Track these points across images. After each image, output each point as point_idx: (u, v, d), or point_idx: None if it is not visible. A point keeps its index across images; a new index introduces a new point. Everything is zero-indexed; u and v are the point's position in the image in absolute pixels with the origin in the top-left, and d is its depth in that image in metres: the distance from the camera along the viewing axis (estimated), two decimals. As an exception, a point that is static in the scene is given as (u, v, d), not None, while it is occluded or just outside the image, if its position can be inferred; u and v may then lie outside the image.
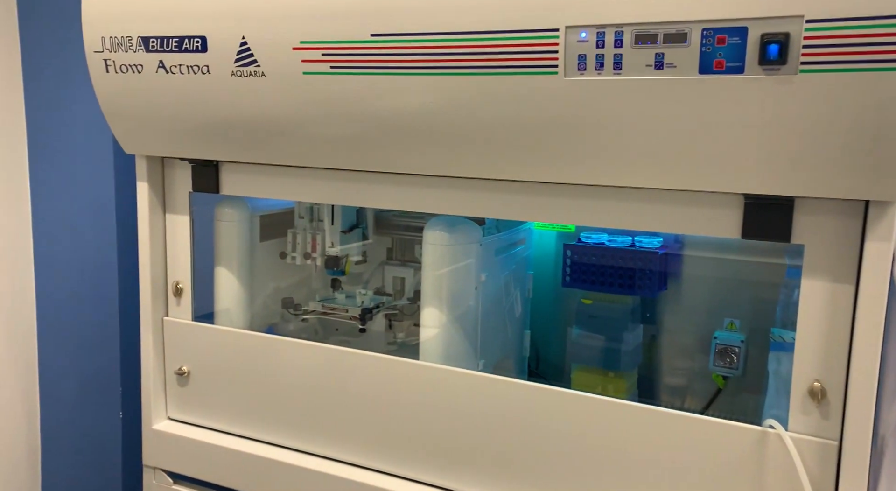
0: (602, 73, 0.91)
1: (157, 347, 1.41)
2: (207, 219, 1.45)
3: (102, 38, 1.22)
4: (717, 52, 0.84)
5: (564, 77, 0.93)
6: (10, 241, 1.63)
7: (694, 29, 0.84)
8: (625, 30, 0.88)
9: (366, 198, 1.23)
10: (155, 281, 1.40)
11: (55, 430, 1.72)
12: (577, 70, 0.92)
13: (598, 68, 0.91)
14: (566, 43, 0.92)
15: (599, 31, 0.90)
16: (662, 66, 0.87)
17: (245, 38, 1.12)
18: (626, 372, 1.38)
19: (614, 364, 1.38)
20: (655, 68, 0.87)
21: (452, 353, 1.26)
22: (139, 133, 1.30)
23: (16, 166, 1.63)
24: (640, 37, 0.87)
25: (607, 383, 1.37)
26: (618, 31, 0.89)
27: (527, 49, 0.94)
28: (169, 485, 1.41)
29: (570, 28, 0.91)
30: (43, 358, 1.71)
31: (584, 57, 0.91)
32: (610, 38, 0.89)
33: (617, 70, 0.90)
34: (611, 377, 1.37)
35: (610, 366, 1.38)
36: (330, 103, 1.11)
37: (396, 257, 1.59)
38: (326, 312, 1.50)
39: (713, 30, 0.83)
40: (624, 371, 1.38)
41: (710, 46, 0.84)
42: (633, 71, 0.89)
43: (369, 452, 1.26)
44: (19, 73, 1.62)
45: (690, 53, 0.85)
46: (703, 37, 0.84)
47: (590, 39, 0.90)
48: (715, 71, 0.84)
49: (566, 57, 0.92)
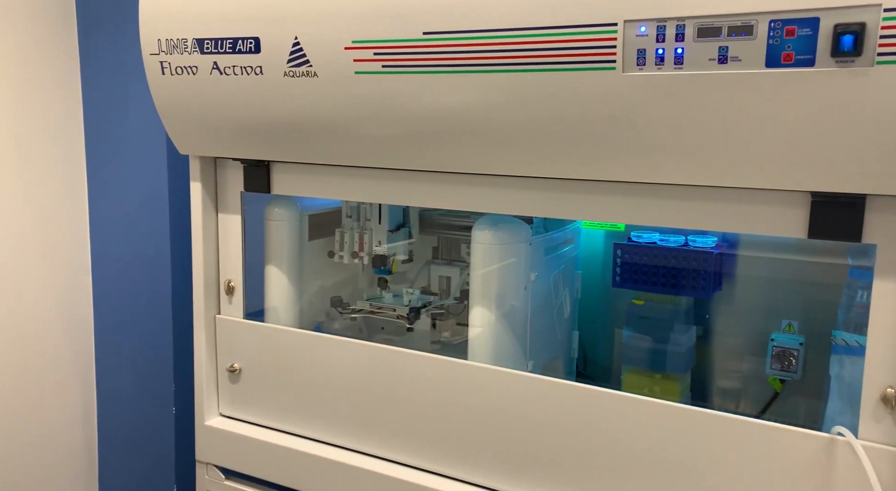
0: (662, 67, 0.88)
1: (209, 345, 1.44)
2: (257, 218, 1.47)
3: (159, 40, 1.25)
4: (786, 45, 0.81)
5: (623, 72, 0.91)
6: (69, 240, 1.68)
7: (761, 21, 0.81)
8: (687, 23, 0.86)
9: (415, 197, 1.23)
10: (208, 279, 1.42)
11: (111, 424, 1.77)
12: (635, 65, 0.90)
13: (657, 63, 0.89)
14: (624, 37, 0.90)
15: (660, 24, 0.87)
16: (727, 60, 0.84)
17: (297, 38, 1.13)
18: (678, 374, 1.35)
19: (666, 366, 1.35)
20: (719, 62, 0.85)
21: (502, 353, 1.25)
22: (193, 134, 1.32)
23: (74, 167, 1.68)
24: (703, 30, 0.85)
25: (659, 386, 1.34)
26: (679, 25, 0.86)
27: (583, 44, 0.92)
28: (221, 480, 1.44)
29: (628, 22, 0.89)
30: (99, 354, 1.76)
31: (644, 51, 0.89)
32: (671, 32, 0.87)
33: (678, 65, 0.87)
34: (663, 380, 1.34)
35: (662, 368, 1.35)
36: (381, 103, 1.11)
37: (442, 256, 1.59)
38: (374, 311, 1.50)
39: (782, 21, 0.80)
40: (676, 374, 1.35)
41: (777, 38, 0.81)
42: (695, 65, 0.86)
43: (416, 451, 1.26)
44: (77, 76, 1.67)
45: (757, 46, 0.82)
46: (771, 29, 0.81)
47: (649, 33, 0.88)
48: (783, 64, 0.81)
49: (624, 52, 0.90)
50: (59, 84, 1.62)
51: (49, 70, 1.60)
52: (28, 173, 1.58)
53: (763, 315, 1.32)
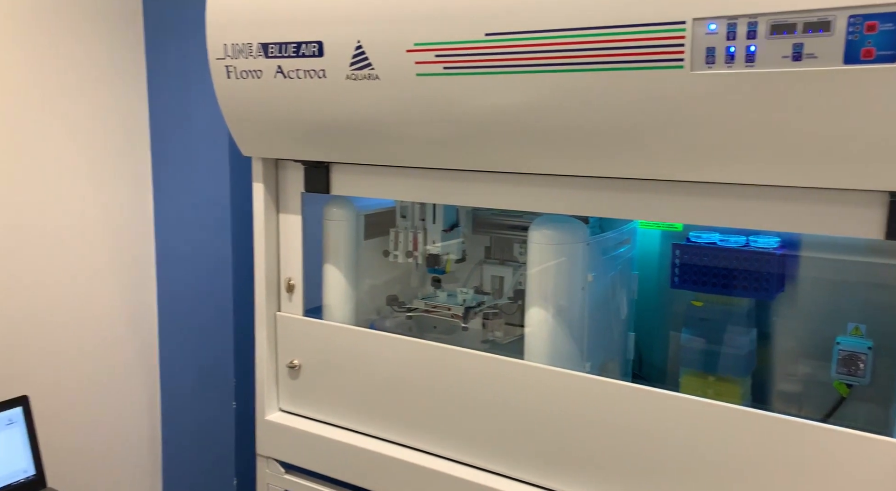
0: (732, 65, 0.87)
1: (270, 341, 1.47)
2: (315, 218, 1.49)
3: (224, 45, 1.28)
4: (866, 40, 0.79)
5: (691, 71, 0.90)
6: (135, 239, 1.75)
7: (839, 16, 0.79)
8: (759, 20, 0.84)
9: (473, 197, 1.24)
10: (269, 278, 1.46)
11: (174, 418, 1.83)
12: (704, 63, 0.89)
13: (727, 61, 0.87)
14: (693, 36, 0.89)
15: (731, 22, 0.86)
16: (801, 57, 0.83)
17: (360, 41, 1.15)
18: (738, 378, 1.32)
19: (726, 369, 1.32)
20: (793, 60, 0.83)
21: (558, 353, 1.25)
22: (256, 136, 1.36)
23: (140, 169, 1.74)
24: (776, 27, 0.83)
25: (718, 389, 1.32)
26: (751, 22, 0.85)
27: (650, 43, 0.91)
28: (281, 474, 1.47)
29: (697, 20, 0.88)
30: (163, 350, 1.82)
31: (713, 50, 0.88)
32: (742, 30, 0.85)
33: (749, 63, 0.86)
34: (722, 383, 1.32)
35: (722, 370, 1.32)
36: (442, 104, 1.12)
37: (494, 256, 1.59)
38: (429, 310, 1.52)
39: (862, 16, 0.78)
40: (736, 376, 1.32)
41: (857, 34, 0.79)
42: (767, 63, 0.85)
43: (470, 449, 1.27)
44: (144, 81, 1.73)
45: (834, 42, 0.80)
46: (850, 24, 0.79)
47: (720, 31, 0.87)
48: (863, 60, 0.79)
49: (693, 50, 0.89)
50: (126, 89, 1.69)
51: (117, 76, 1.66)
52: (98, 175, 1.65)
53: (827, 318, 1.29)
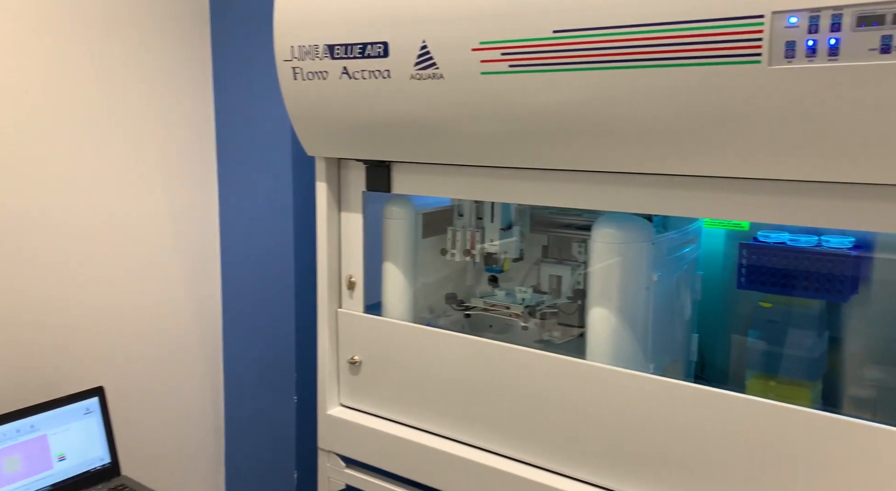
0: (814, 60, 0.85)
1: (331, 337, 1.50)
2: (374, 216, 1.51)
3: (291, 47, 1.31)
4: (962, 31, 0.75)
5: (769, 66, 0.88)
6: (201, 238, 1.80)
7: (933, 6, 0.76)
8: (844, 12, 0.81)
9: (536, 195, 1.23)
10: (331, 275, 1.48)
11: (236, 410, 1.88)
12: (783, 58, 0.86)
13: (808, 55, 0.85)
14: (772, 29, 0.86)
15: (813, 15, 0.83)
16: (890, 50, 0.79)
17: (425, 41, 1.16)
18: (809, 381, 1.28)
19: (796, 372, 1.28)
20: (881, 52, 0.80)
21: (622, 354, 1.24)
22: (321, 136, 1.38)
23: (206, 169, 1.80)
24: (863, 19, 0.80)
25: (787, 392, 1.28)
26: (835, 14, 0.82)
27: (726, 38, 0.89)
28: (342, 468, 1.50)
29: (776, 13, 0.86)
30: (226, 345, 1.87)
31: (793, 44, 0.85)
32: (825, 22, 0.83)
33: (832, 56, 0.83)
34: (791, 386, 1.28)
35: (791, 374, 1.29)
36: (507, 102, 1.12)
37: (552, 255, 1.58)
38: (487, 309, 1.52)
39: (959, 6, 0.75)
40: (807, 380, 1.28)
41: (952, 25, 0.76)
42: (852, 56, 0.82)
43: (530, 448, 1.26)
44: (210, 85, 1.79)
45: (926, 34, 0.77)
46: (945, 15, 0.76)
47: (801, 24, 0.84)
48: (958, 52, 0.76)
49: (771, 44, 0.87)
50: (194, 92, 1.74)
51: (186, 80, 1.72)
52: (169, 176, 1.71)
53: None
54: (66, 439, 1.39)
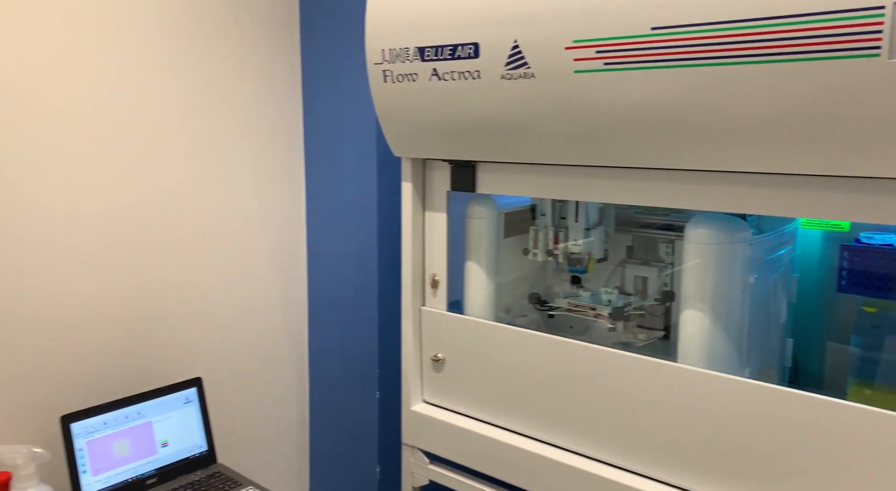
0: (942, 51, 0.80)
1: (415, 335, 1.52)
2: (454, 216, 1.53)
3: (382, 50, 1.34)
4: None
5: (889, 59, 0.84)
6: (289, 237, 1.86)
7: None
8: (977, 0, 0.77)
9: (627, 195, 1.22)
10: (415, 273, 1.51)
11: (320, 404, 1.93)
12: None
13: (934, 47, 0.80)
14: (893, 21, 0.82)
15: (941, 4, 0.79)
16: None
17: (517, 41, 1.17)
18: (919, 391, 1.21)
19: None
20: None
21: (716, 358, 1.20)
22: (408, 137, 1.41)
23: (295, 170, 1.86)
24: None
25: (893, 401, 1.21)
26: (967, 3, 0.78)
27: (841, 31, 0.86)
28: (425, 464, 1.52)
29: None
30: (312, 340, 1.93)
31: (917, 35, 0.81)
32: (955, 12, 0.78)
33: (962, 47, 0.79)
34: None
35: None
36: (601, 100, 1.11)
37: (637, 256, 1.56)
38: (571, 309, 1.51)
39: None
40: (916, 390, 1.21)
41: None
42: (985, 47, 0.77)
43: (615, 449, 1.25)
44: (299, 87, 1.85)
45: None
46: None
47: (926, 15, 0.80)
48: None
49: (892, 37, 0.83)
50: (284, 95, 1.81)
51: (276, 82, 1.78)
52: (260, 177, 1.77)
53: None
54: (168, 427, 1.46)
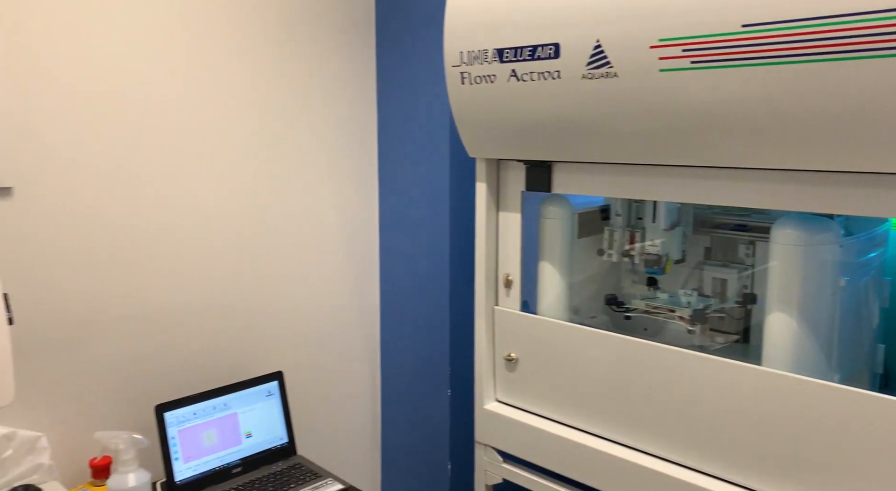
0: None
1: (488, 334, 1.53)
2: (527, 216, 1.53)
3: (461, 53, 1.36)
4: None
5: None
6: (362, 237, 1.90)
7: None
8: None
9: (708, 195, 1.20)
10: (488, 273, 1.52)
11: (393, 401, 1.96)
12: None
13: None
14: None
15: None
16: None
17: (599, 41, 1.16)
18: None
19: None
20: None
21: (805, 363, 1.17)
22: (484, 138, 1.42)
23: (368, 172, 1.90)
24: None
25: None
26: None
27: (953, 24, 0.82)
28: (499, 462, 1.53)
29: None
30: (384, 337, 1.97)
31: None
32: None
33: None
34: None
35: None
36: (687, 98, 1.09)
37: (715, 257, 1.53)
38: (649, 311, 1.49)
39: None
40: None
41: None
42: None
43: (693, 452, 1.23)
44: (374, 90, 1.89)
45: None
46: None
47: None
48: None
49: None
50: (359, 97, 1.85)
51: (352, 85, 1.83)
52: (335, 179, 1.82)
53: None
54: (252, 418, 1.52)
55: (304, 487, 1.44)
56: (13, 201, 1.30)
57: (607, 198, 1.62)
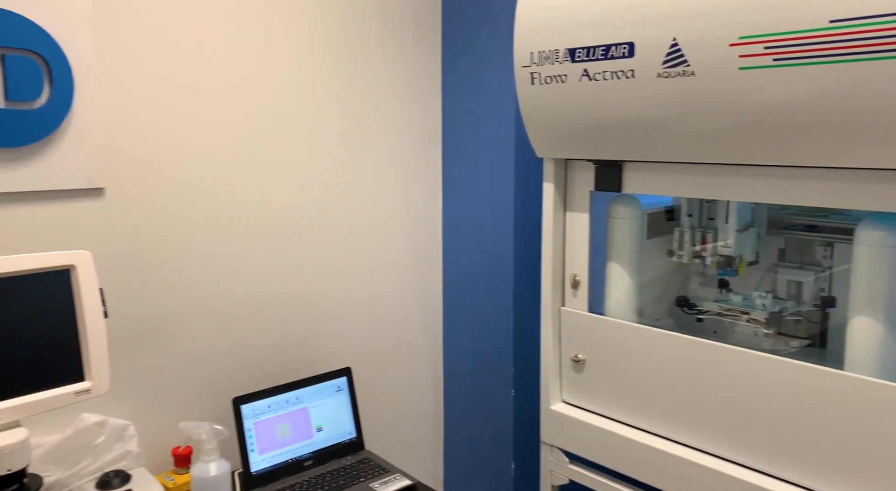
0: None
1: (554, 335, 1.53)
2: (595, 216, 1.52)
3: (531, 53, 1.36)
4: None
5: None
6: (426, 235, 1.93)
7: None
8: None
9: (787, 195, 1.16)
10: (555, 273, 1.52)
11: (455, 400, 1.98)
12: None
13: None
14: None
15: None
16: None
17: (676, 39, 1.15)
18: None
19: None
20: None
21: (891, 368, 1.13)
22: (553, 138, 1.42)
23: (432, 171, 1.92)
24: None
25: None
26: None
27: None
28: (565, 463, 1.52)
29: None
30: (447, 336, 1.98)
31: None
32: None
33: None
34: None
35: None
36: (768, 96, 1.07)
37: (790, 259, 1.49)
38: (722, 313, 1.46)
39: None
40: None
41: None
42: None
43: (768, 458, 1.20)
44: (439, 90, 1.91)
45: None
46: None
47: None
48: None
49: None
50: (425, 98, 1.87)
51: (416, 83, 1.85)
52: (401, 177, 1.85)
53: None
54: (322, 413, 1.56)
55: (373, 481, 1.47)
56: (105, 201, 1.37)
57: (675, 198, 1.60)
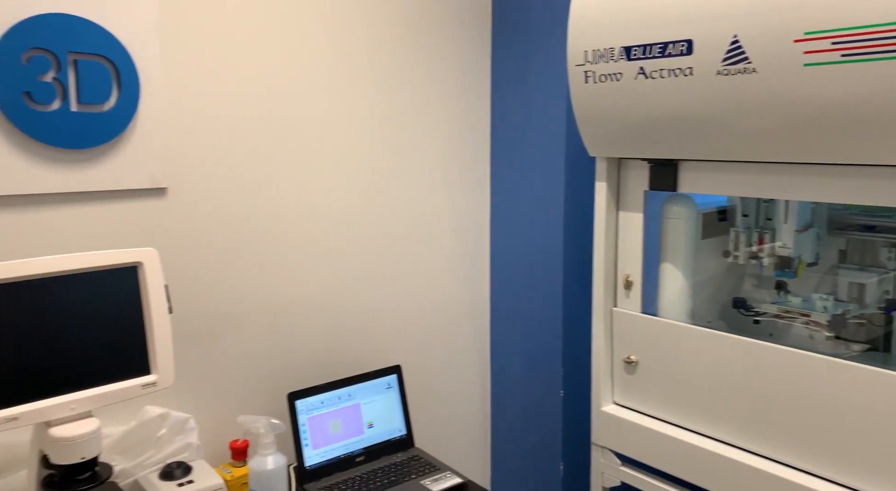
0: None
1: (606, 336, 1.52)
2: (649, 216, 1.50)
3: (585, 51, 1.36)
4: None
5: None
6: (474, 235, 1.93)
7: None
8: None
9: (852, 195, 1.13)
10: (607, 274, 1.50)
11: (502, 400, 1.98)
12: None
13: None
14: None
15: None
16: None
17: (737, 36, 1.13)
18: None
19: None
20: None
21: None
22: (607, 137, 1.41)
23: (480, 171, 1.93)
24: None
25: None
26: None
27: None
28: (617, 465, 1.51)
29: None
30: (494, 336, 1.99)
31: None
32: None
33: None
34: None
35: None
36: (835, 93, 1.04)
37: (852, 260, 1.44)
38: (780, 316, 1.43)
39: None
40: None
41: None
42: None
43: (826, 462, 1.17)
44: (488, 90, 1.91)
45: None
46: None
47: None
48: None
49: None
50: (473, 98, 1.88)
51: (465, 84, 1.86)
52: (449, 177, 1.85)
53: None
54: (373, 409, 1.58)
55: (424, 478, 1.48)
56: (168, 201, 1.41)
57: (729, 198, 1.57)
